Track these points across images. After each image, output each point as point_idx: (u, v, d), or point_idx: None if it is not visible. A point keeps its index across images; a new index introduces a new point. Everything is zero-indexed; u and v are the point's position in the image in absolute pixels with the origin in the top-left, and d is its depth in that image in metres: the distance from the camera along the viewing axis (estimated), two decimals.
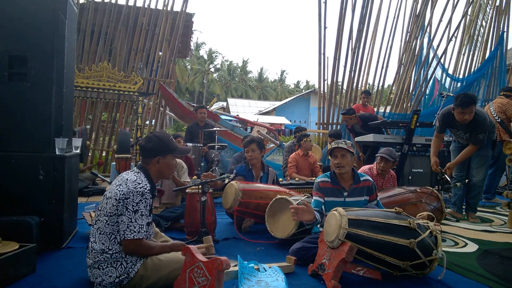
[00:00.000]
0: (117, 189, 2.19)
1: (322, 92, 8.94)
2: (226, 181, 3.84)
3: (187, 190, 3.54)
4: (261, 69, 58.42)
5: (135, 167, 2.39)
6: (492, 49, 10.43)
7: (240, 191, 3.59)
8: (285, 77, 71.34)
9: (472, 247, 3.49)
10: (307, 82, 59.32)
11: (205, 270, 2.04)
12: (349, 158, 2.99)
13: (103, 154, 7.90)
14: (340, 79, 9.06)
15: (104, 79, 6.90)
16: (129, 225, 2.13)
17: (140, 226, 2.16)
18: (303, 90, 48.29)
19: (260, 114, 33.61)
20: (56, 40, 2.99)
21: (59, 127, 3.04)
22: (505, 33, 10.51)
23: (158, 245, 2.33)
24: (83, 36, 7.61)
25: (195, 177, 5.27)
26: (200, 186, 3.33)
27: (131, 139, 6.70)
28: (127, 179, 2.22)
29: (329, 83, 8.92)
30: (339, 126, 8.73)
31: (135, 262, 2.20)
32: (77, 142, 3.44)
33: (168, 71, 8.34)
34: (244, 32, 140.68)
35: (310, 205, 2.80)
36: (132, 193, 2.16)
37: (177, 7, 8.40)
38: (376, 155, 4.50)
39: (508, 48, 11.50)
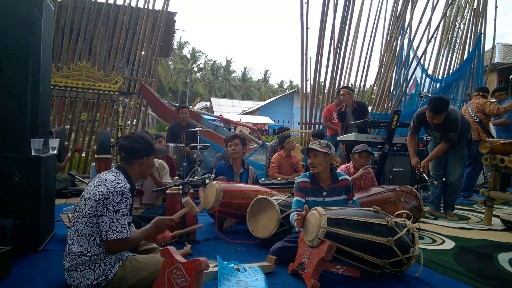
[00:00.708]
0: (95, 190, 2.15)
1: (304, 92, 8.99)
2: (207, 181, 3.82)
3: (167, 191, 3.51)
4: (245, 69, 58.56)
5: (113, 168, 2.36)
6: (470, 50, 10.68)
7: (221, 191, 3.58)
8: (269, 77, 71.42)
9: (449, 245, 3.56)
10: (291, 82, 59.62)
11: (184, 271, 2.03)
12: (322, 158, 3.01)
13: (83, 155, 7.77)
14: (322, 79, 9.14)
15: (83, 78, 6.79)
16: (111, 226, 2.10)
17: (122, 226, 2.13)
18: (287, 90, 48.45)
19: (243, 114, 33.60)
20: (31, 39, 2.93)
21: (35, 128, 2.98)
22: (482, 35, 10.77)
23: (142, 231, 2.36)
24: (62, 34, 7.47)
25: (176, 177, 5.24)
26: (180, 187, 3.31)
27: (111, 139, 6.61)
28: (105, 180, 2.19)
29: (311, 83, 8.98)
30: (321, 126, 8.79)
31: (114, 264, 2.17)
32: (53, 142, 3.37)
33: (150, 70, 8.26)
34: (227, 31, 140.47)
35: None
36: (112, 193, 2.13)
37: (159, 6, 8.36)
38: (351, 154, 4.55)
39: (485, 50, 11.79)
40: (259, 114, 32.69)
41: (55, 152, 3.41)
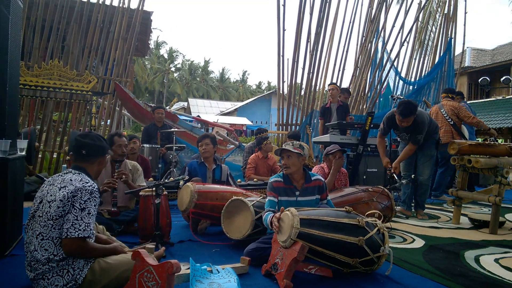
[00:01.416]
0: (62, 191, 2.09)
1: (281, 93, 9.04)
2: (181, 183, 3.80)
3: (140, 193, 3.47)
4: (223, 70, 58.29)
5: (69, 169, 2.27)
6: (441, 54, 11.00)
7: (195, 192, 3.56)
8: (247, 78, 71.61)
9: (419, 243, 3.66)
10: (269, 83, 59.79)
11: (155, 274, 2.00)
12: (295, 159, 3.04)
13: (54, 156, 7.57)
14: (299, 80, 9.21)
15: (55, 77, 6.60)
16: (74, 223, 2.03)
17: (86, 224, 2.06)
18: (265, 91, 48.60)
19: (221, 114, 33.53)
20: None
21: (2, 128, 2.88)
22: (452, 40, 11.12)
23: (102, 247, 2.24)
24: (33, 32, 7.26)
25: (151, 179, 5.18)
26: (154, 189, 3.28)
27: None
28: (71, 180, 2.14)
29: (288, 84, 9.03)
30: (297, 127, 8.86)
31: (82, 268, 2.12)
32: (22, 143, 3.28)
33: (125, 70, 8.12)
34: (205, 32, 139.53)
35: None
36: (80, 190, 2.09)
37: (134, 5, 8.24)
38: (324, 155, 4.60)
39: (456, 54, 12.16)
40: (237, 115, 32.69)
41: (24, 153, 3.31)
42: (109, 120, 8.19)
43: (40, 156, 7.29)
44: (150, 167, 5.43)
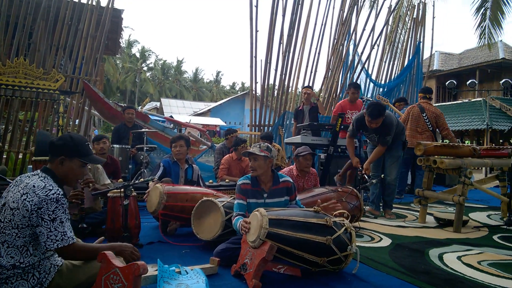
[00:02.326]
0: (24, 199, 1.99)
1: (254, 94, 9.07)
2: (150, 183, 3.75)
3: (108, 194, 3.40)
4: (197, 70, 57.86)
5: (38, 170, 2.19)
6: (410, 57, 11.33)
7: (165, 194, 3.52)
8: (221, 78, 71.34)
9: (386, 242, 3.75)
10: (243, 83, 59.80)
11: (122, 276, 1.97)
12: (262, 161, 3.05)
13: (20, 157, 7.32)
14: (271, 81, 9.27)
15: (20, 75, 6.37)
16: (49, 235, 1.98)
17: (62, 233, 2.01)
18: (239, 92, 48.63)
19: (195, 115, 33.29)
20: None
21: None
22: (421, 43, 11.47)
23: (92, 248, 2.19)
24: None
25: (120, 180, 5.09)
26: (122, 190, 3.22)
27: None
28: (33, 186, 2.03)
29: (261, 85, 9.07)
30: (270, 128, 8.90)
31: (49, 271, 2.07)
32: None
33: (94, 68, 7.93)
34: (179, 31, 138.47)
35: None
36: (44, 201, 1.99)
37: (104, 2, 8.03)
38: (294, 156, 4.63)
39: (425, 57, 12.56)
40: (210, 115, 32.53)
41: None
42: (77, 120, 7.99)
43: (4, 156, 7.03)
44: (119, 168, 5.34)
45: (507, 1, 11.45)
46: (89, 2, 7.73)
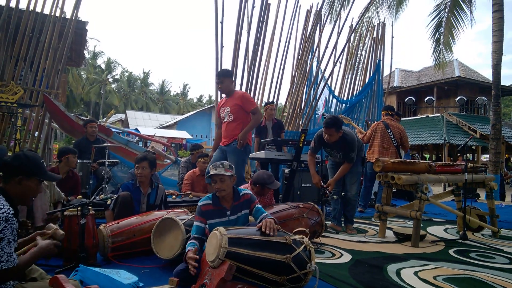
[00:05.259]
0: None
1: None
2: (109, 202, 3.66)
3: (65, 213, 3.29)
4: (163, 82, 57.36)
5: None
6: (371, 74, 11.75)
7: (108, 237, 3.40)
8: (188, 91, 70.99)
9: (346, 258, 3.80)
10: (210, 96, 59.82)
11: None
12: (228, 181, 3.08)
13: None
14: None
15: None
16: None
17: (8, 254, 1.94)
18: (206, 105, 48.54)
19: (161, 127, 32.86)
20: None
21: None
22: (381, 61, 11.94)
23: (26, 258, 2.12)
24: None
25: (80, 196, 4.94)
26: (79, 208, 3.13)
27: (8, 154, 6.02)
28: None
29: None
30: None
31: None
32: None
33: (56, 81, 7.71)
34: (145, 43, 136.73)
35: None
36: None
37: (68, 14, 7.86)
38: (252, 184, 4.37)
39: (385, 74, 13.06)
40: (177, 128, 32.19)
41: None
42: (37, 132, 7.72)
43: None
44: (79, 183, 5.19)
45: (456, 25, 12.79)
46: (52, 14, 7.54)
